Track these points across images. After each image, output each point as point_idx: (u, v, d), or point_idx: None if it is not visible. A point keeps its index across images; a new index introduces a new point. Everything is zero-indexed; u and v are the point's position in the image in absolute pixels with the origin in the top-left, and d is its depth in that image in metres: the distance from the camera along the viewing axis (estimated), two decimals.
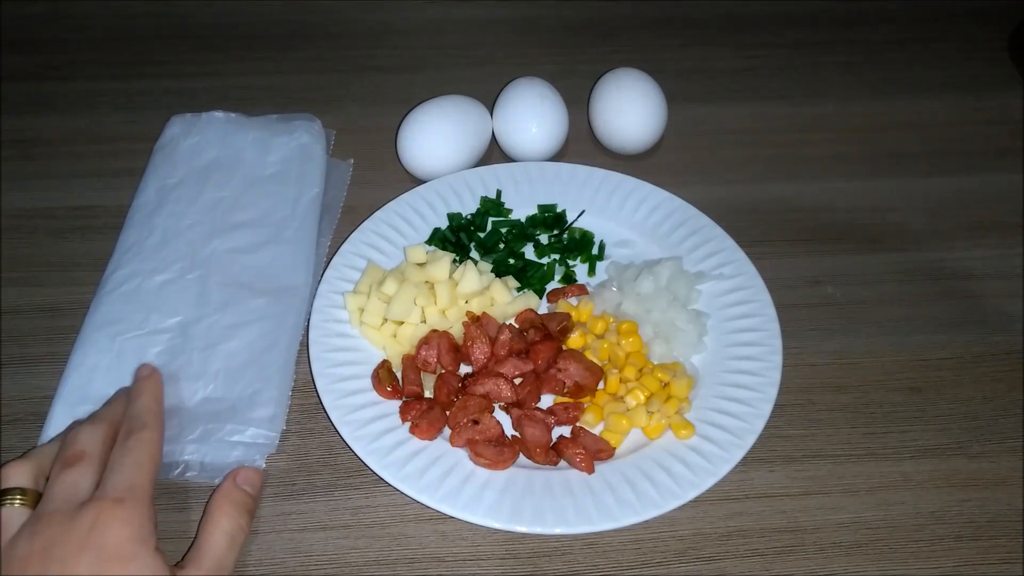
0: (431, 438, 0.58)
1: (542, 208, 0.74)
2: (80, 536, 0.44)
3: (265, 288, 0.66)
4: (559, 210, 0.73)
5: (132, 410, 0.53)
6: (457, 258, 0.69)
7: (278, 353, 0.62)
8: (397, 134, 0.76)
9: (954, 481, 0.59)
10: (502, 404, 0.61)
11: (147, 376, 0.57)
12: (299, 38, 0.93)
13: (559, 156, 0.80)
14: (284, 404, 0.60)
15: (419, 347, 0.62)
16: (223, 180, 0.73)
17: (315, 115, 0.79)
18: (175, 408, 0.59)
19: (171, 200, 0.71)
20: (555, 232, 0.72)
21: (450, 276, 0.66)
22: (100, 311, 0.63)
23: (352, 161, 0.78)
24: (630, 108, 0.77)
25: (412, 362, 0.62)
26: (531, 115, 0.76)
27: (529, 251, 0.72)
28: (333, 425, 0.58)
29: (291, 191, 0.72)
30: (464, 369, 0.63)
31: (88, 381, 0.59)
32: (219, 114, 0.77)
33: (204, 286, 0.65)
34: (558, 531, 0.53)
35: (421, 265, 0.66)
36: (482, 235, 0.72)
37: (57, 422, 0.58)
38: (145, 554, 0.45)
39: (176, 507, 0.56)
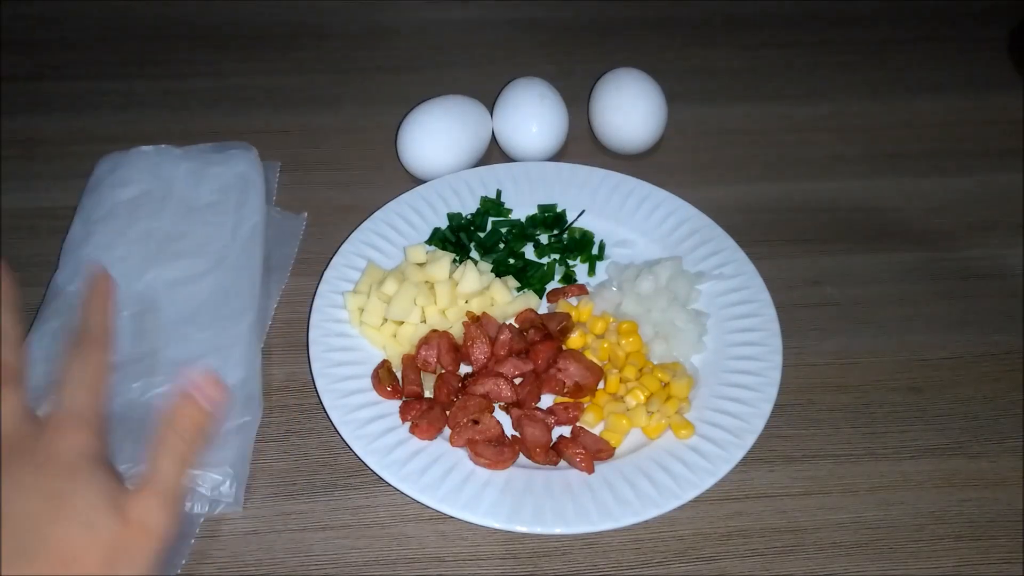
0: (431, 438, 0.58)
1: (542, 208, 0.73)
2: (30, 452, 0.39)
3: (207, 322, 0.62)
4: (559, 210, 0.73)
5: (81, 324, 0.46)
6: (457, 258, 0.69)
7: (233, 387, 0.58)
8: (397, 134, 0.76)
9: (954, 481, 0.59)
10: (502, 404, 0.61)
11: (98, 285, 0.48)
12: (299, 38, 0.93)
13: (559, 156, 0.80)
14: (247, 447, 0.57)
15: (419, 347, 0.62)
16: (154, 211, 0.69)
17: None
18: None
19: (97, 232, 0.67)
20: (555, 232, 0.72)
21: (450, 276, 0.66)
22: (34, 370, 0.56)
23: (306, 215, 0.74)
24: (630, 108, 0.77)
25: (412, 362, 0.62)
26: (531, 115, 0.76)
27: (529, 251, 0.72)
28: (333, 425, 0.58)
29: (230, 219, 0.68)
30: (464, 369, 0.63)
31: None
32: (148, 148, 0.73)
33: (140, 324, 0.61)
34: (558, 531, 0.53)
35: (421, 265, 0.66)
36: (482, 235, 0.72)
37: None
38: (95, 468, 0.39)
39: None
